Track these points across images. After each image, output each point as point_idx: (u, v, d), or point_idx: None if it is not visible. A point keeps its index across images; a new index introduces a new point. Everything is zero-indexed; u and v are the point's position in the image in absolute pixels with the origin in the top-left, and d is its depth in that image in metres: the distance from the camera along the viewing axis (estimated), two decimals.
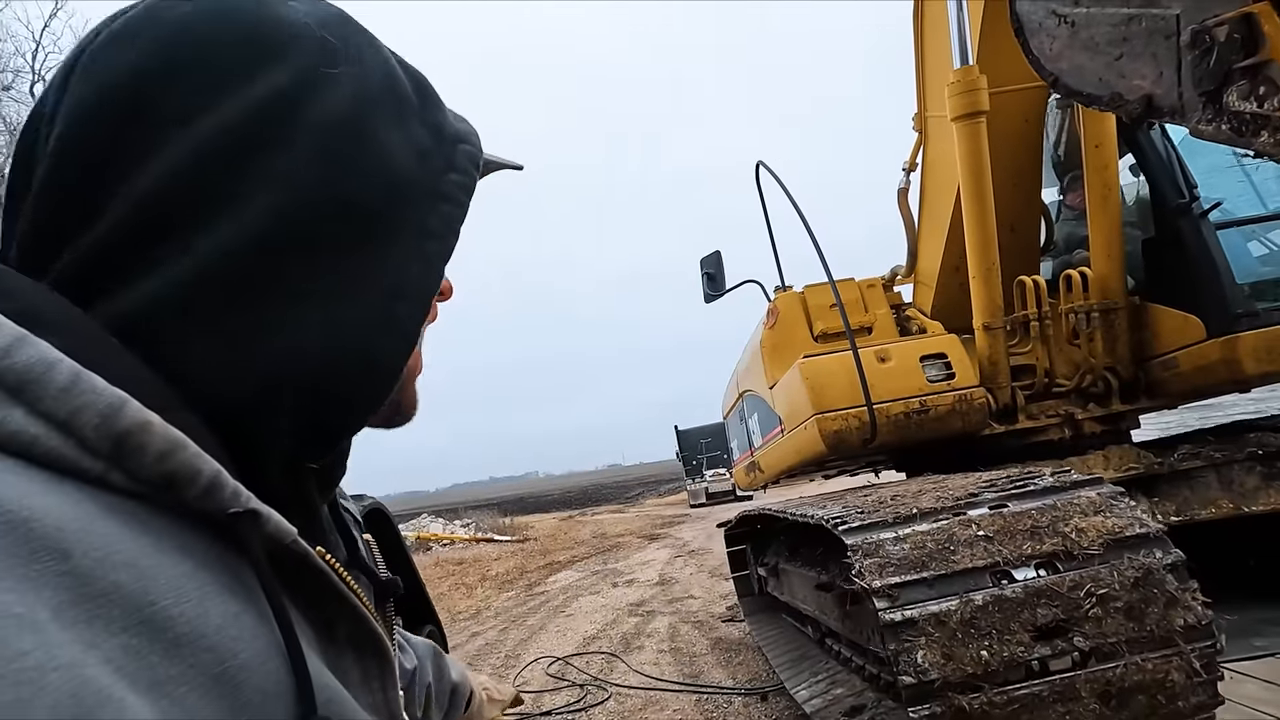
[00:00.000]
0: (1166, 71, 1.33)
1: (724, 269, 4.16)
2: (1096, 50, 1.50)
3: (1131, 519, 1.95)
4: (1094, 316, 3.24)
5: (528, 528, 23.17)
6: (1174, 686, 1.73)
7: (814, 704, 2.93)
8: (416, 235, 0.45)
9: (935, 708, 1.72)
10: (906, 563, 1.93)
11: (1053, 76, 1.73)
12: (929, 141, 3.81)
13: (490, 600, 9.79)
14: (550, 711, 4.46)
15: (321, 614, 0.38)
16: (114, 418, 0.29)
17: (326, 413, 0.41)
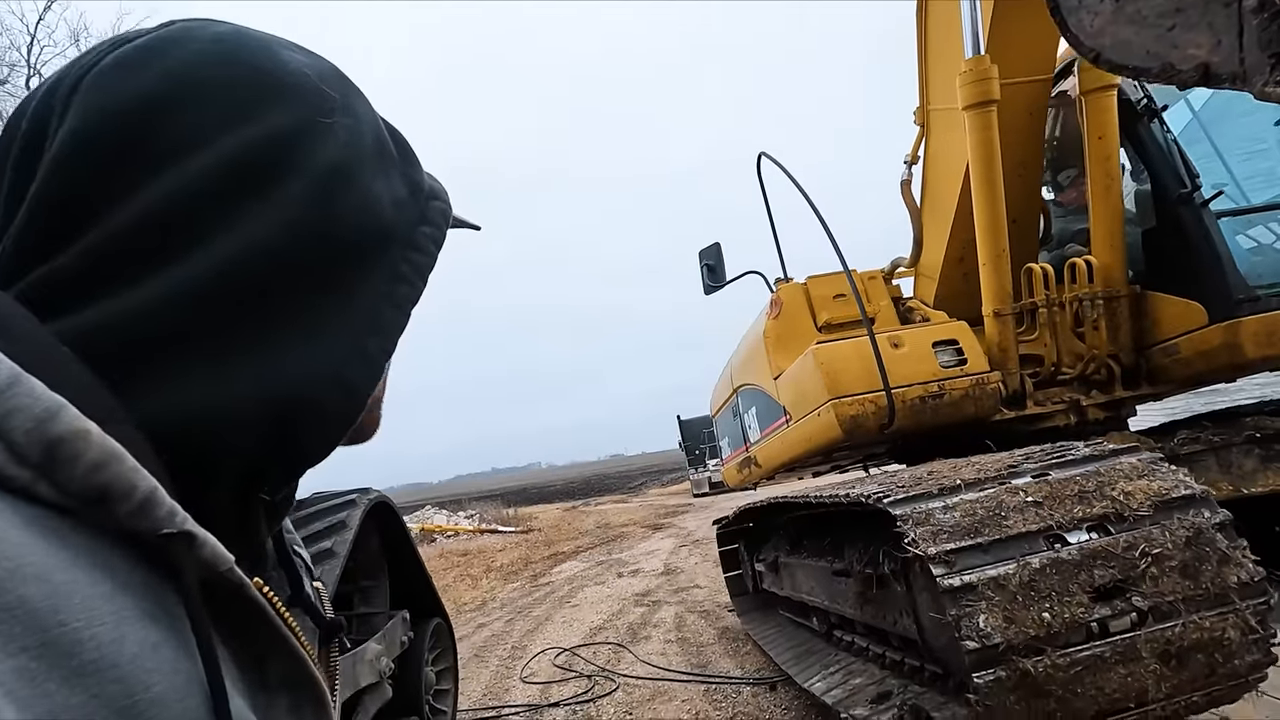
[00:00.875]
0: (1225, 39, 1.40)
1: (724, 261, 4.17)
2: (1144, 23, 1.58)
3: (1176, 481, 1.98)
4: (1097, 304, 3.26)
5: (531, 519, 23.26)
6: (1231, 644, 1.76)
7: (835, 694, 2.94)
8: (391, 279, 0.47)
9: (1000, 672, 1.72)
10: (959, 529, 1.93)
11: (1094, 52, 1.73)
12: (931, 135, 3.81)
13: (495, 591, 9.87)
14: (559, 702, 4.51)
15: (253, 651, 0.37)
16: (48, 423, 0.28)
17: (297, 440, 0.42)
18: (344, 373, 0.43)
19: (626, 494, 38.21)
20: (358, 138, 0.46)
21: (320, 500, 3.03)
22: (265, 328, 0.39)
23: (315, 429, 0.43)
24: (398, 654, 3.28)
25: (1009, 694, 1.72)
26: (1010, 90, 3.16)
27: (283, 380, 0.39)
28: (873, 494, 2.22)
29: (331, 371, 0.42)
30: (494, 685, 5.16)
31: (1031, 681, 1.72)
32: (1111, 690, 1.73)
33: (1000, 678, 1.72)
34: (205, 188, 0.38)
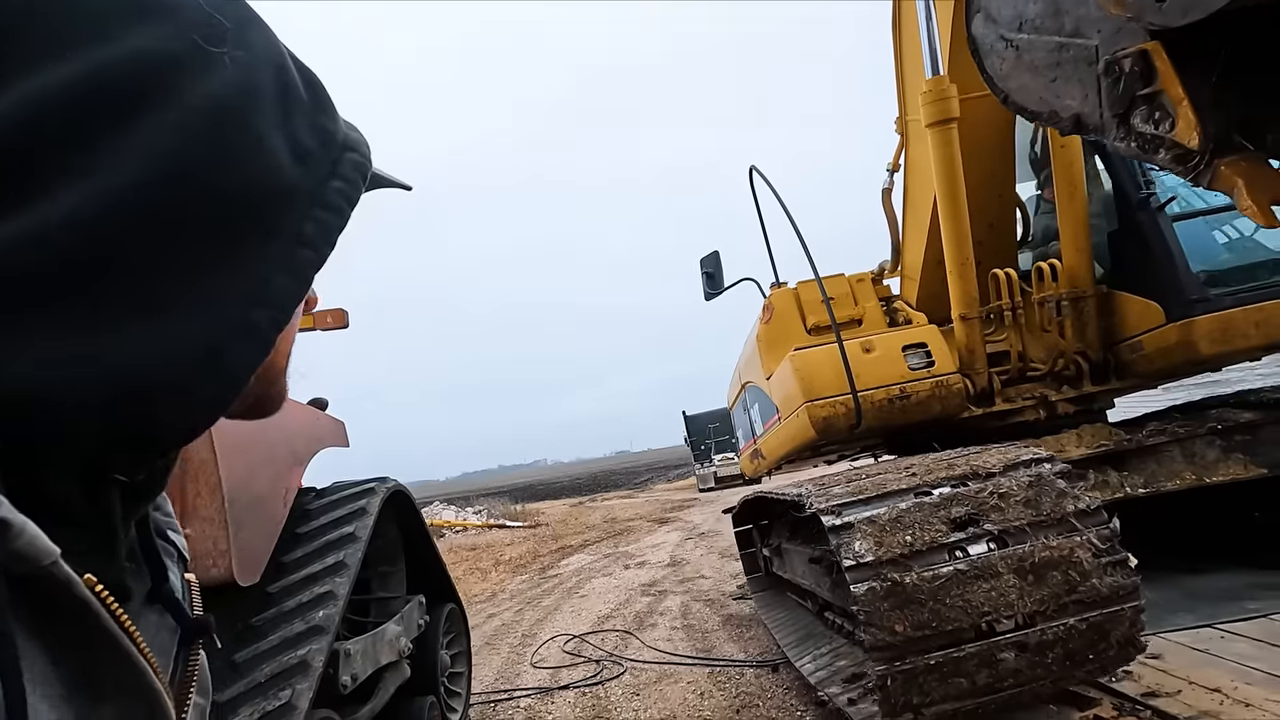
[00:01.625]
0: (1090, 94, 1.52)
1: (722, 268, 4.40)
2: (1037, 72, 1.67)
3: (1025, 450, 2.47)
4: (1064, 305, 3.48)
5: (539, 514, 23.46)
6: (1083, 563, 2.09)
7: (818, 675, 3.19)
8: (289, 241, 0.42)
9: (873, 583, 2.11)
10: (848, 494, 2.43)
11: (1003, 94, 1.92)
12: (910, 144, 4.03)
13: (505, 583, 10.05)
14: (568, 685, 4.69)
15: (82, 657, 0.33)
16: None
17: (156, 417, 0.36)
18: (218, 351, 0.38)
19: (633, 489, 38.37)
20: (252, 75, 0.40)
21: (340, 489, 3.21)
22: (119, 296, 0.34)
23: (175, 412, 0.37)
24: (415, 636, 3.51)
25: (883, 601, 2.07)
26: (974, 104, 3.36)
27: (135, 359, 0.34)
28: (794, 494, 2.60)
29: (201, 350, 0.37)
30: (505, 670, 5.38)
31: (903, 591, 2.08)
32: (979, 602, 2.07)
33: (874, 587, 2.09)
34: (40, 119, 0.33)
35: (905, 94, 3.97)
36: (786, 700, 3.70)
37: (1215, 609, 2.90)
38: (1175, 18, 1.07)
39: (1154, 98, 1.22)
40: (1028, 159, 4.02)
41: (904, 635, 2.07)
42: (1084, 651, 2.12)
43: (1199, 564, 3.52)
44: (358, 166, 0.47)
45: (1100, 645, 2.13)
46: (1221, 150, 1.22)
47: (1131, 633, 2.14)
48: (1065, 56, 1.64)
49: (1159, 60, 1.19)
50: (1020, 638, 2.09)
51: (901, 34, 3.86)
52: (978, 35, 1.98)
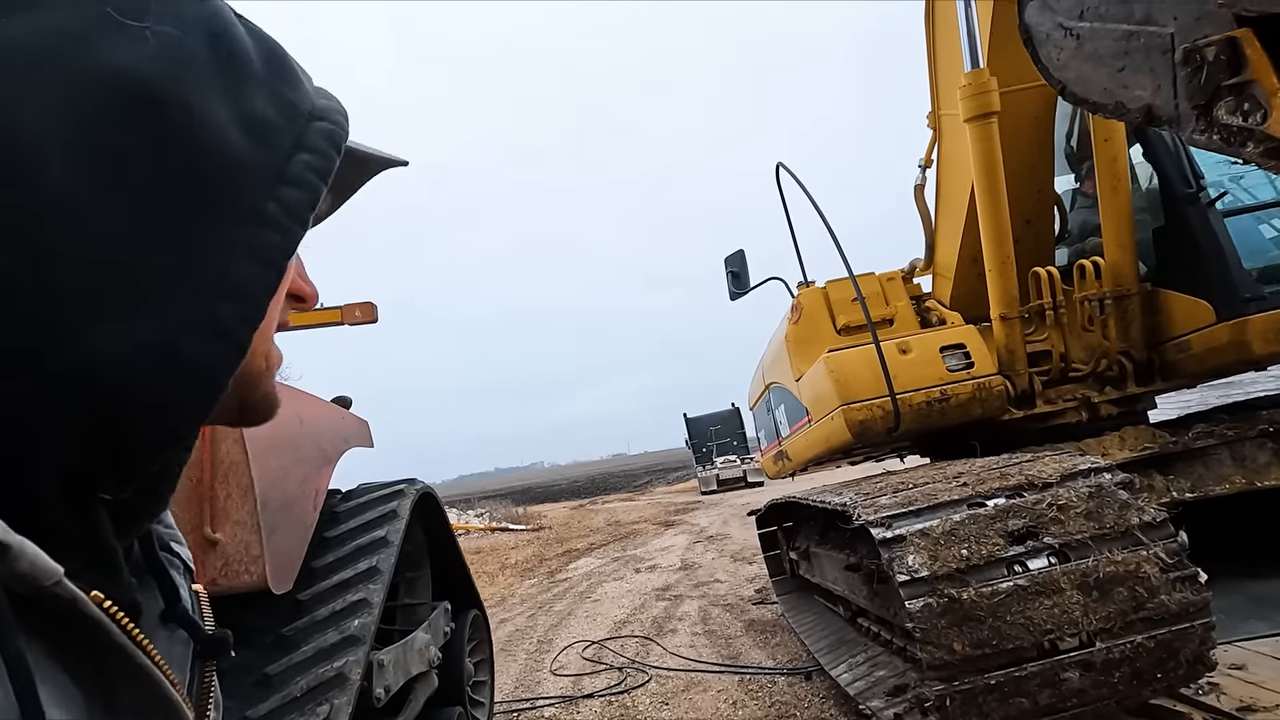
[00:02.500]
0: (1164, 84, 1.46)
1: (747, 267, 4.33)
2: (1100, 61, 1.60)
3: (1082, 459, 2.40)
4: (1107, 303, 3.39)
5: (541, 517, 23.43)
6: (1149, 578, 2.01)
7: (857, 685, 3.09)
8: (250, 222, 0.38)
9: (929, 599, 2.02)
10: (896, 505, 2.34)
11: (1060, 84, 1.84)
12: (943, 139, 3.95)
13: (513, 588, 9.97)
14: (593, 694, 4.59)
15: (97, 673, 0.33)
16: None
17: (122, 430, 0.35)
18: (179, 351, 0.35)
19: (632, 492, 38.36)
20: (181, 48, 0.37)
21: (368, 491, 3.12)
22: (60, 301, 0.32)
23: (147, 420, 0.35)
24: (442, 644, 3.42)
25: (939, 618, 1.99)
26: (1013, 98, 3.28)
27: (93, 370, 0.33)
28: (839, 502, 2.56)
29: (162, 351, 0.35)
30: (525, 678, 5.28)
31: (959, 608, 1.99)
32: (1041, 619, 1.99)
33: (929, 604, 2.01)
34: None
35: (939, 88, 3.89)
36: (825, 710, 3.61)
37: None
38: (1274, 4, 1.02)
39: (1243, 88, 1.16)
40: (1064, 153, 3.95)
41: (963, 654, 1.99)
42: (1152, 670, 2.03)
43: (1256, 569, 3.42)
44: (329, 136, 0.43)
45: (1169, 664, 2.04)
46: None
47: (1202, 650, 2.04)
48: (1135, 45, 1.57)
49: (1250, 49, 1.14)
50: (1085, 656, 2.00)
51: (935, 27, 3.79)
52: (1032, 24, 1.90)
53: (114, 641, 0.33)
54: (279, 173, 0.40)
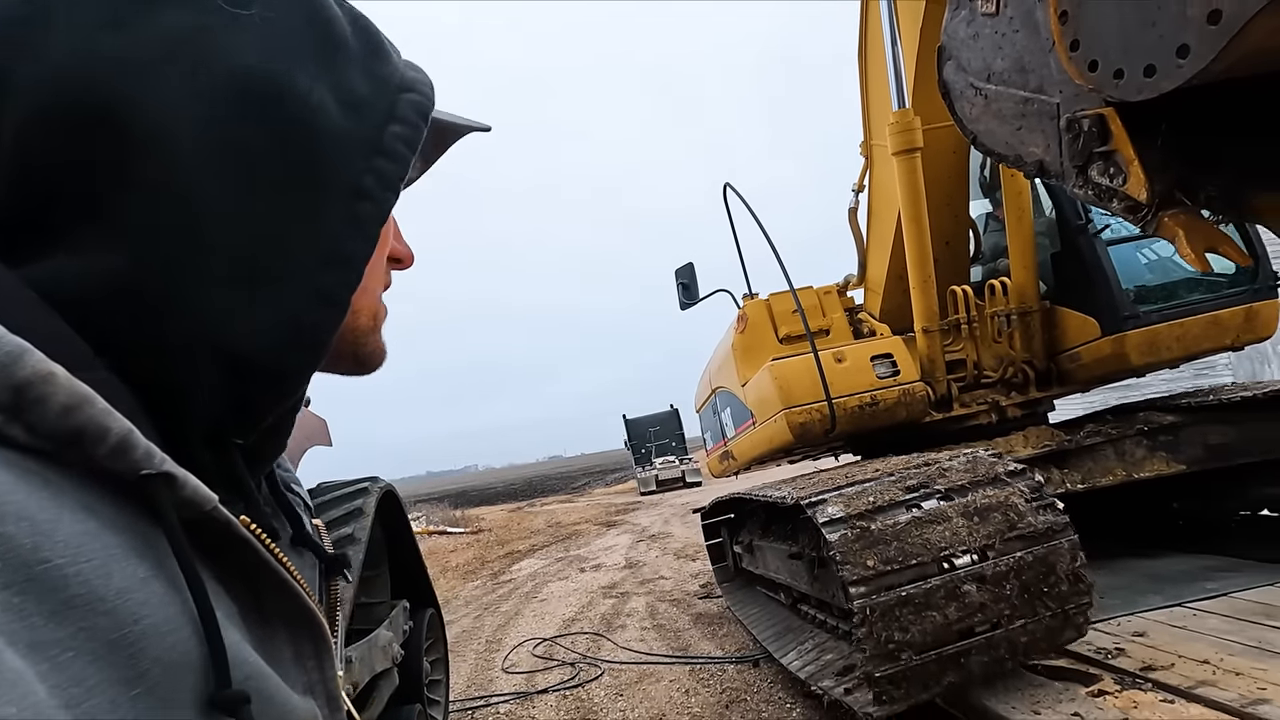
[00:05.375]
0: (1052, 145, 1.65)
1: (697, 279, 4.62)
2: (1004, 120, 1.80)
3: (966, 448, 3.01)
4: (1013, 318, 3.85)
5: (479, 519, 23.08)
6: (1017, 506, 2.52)
7: (808, 669, 3.35)
8: (349, 195, 0.42)
9: (844, 530, 2.50)
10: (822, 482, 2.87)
11: (972, 135, 2.09)
12: (874, 166, 4.35)
13: (457, 590, 9.88)
14: (547, 689, 4.67)
15: (249, 587, 0.37)
16: (12, 366, 0.27)
17: (249, 387, 0.40)
18: (298, 321, 0.40)
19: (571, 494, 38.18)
20: (286, 33, 0.40)
21: (332, 489, 3.16)
22: (195, 269, 0.37)
23: (268, 381, 0.41)
24: (402, 642, 3.48)
25: (854, 543, 2.44)
26: (934, 134, 3.67)
27: (226, 336, 0.38)
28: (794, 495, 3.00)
29: (280, 321, 0.40)
30: (477, 677, 5.33)
31: (870, 535, 2.45)
32: (936, 540, 2.43)
33: (845, 534, 2.47)
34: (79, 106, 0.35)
35: (871, 121, 4.28)
36: (773, 694, 3.87)
37: (1180, 590, 3.17)
38: (1131, 94, 1.24)
39: (1109, 155, 1.39)
40: (978, 182, 4.40)
41: (875, 569, 2.40)
42: (1038, 585, 2.43)
43: (1148, 550, 3.89)
44: (416, 107, 0.46)
45: (1050, 579, 2.44)
46: (1165, 205, 1.38)
47: (1074, 567, 2.46)
48: (1030, 109, 1.81)
49: (1114, 125, 1.36)
50: (977, 570, 2.41)
51: (868, 66, 4.17)
52: (949, 80, 2.18)
53: (261, 559, 0.36)
54: (373, 145, 0.43)
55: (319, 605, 0.44)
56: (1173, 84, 1.13)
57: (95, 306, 0.35)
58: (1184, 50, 1.08)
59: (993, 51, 1.99)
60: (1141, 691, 2.32)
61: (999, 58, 1.97)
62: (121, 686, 0.27)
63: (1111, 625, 2.93)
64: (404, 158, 0.45)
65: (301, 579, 0.40)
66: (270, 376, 0.40)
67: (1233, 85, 1.25)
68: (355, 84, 0.43)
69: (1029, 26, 1.84)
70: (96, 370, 0.33)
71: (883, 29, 3.63)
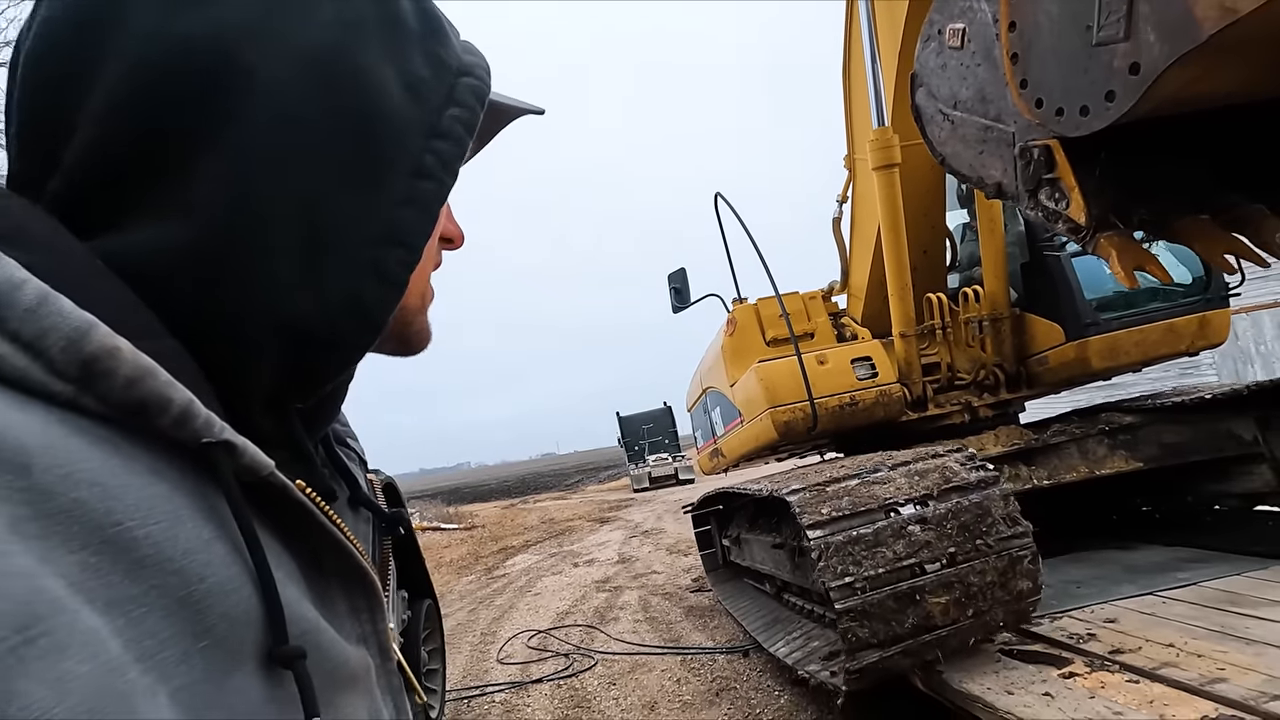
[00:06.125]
0: (1009, 169, 1.78)
1: (689, 283, 4.84)
2: (968, 144, 1.93)
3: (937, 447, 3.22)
4: (985, 324, 4.08)
5: (472, 516, 23.08)
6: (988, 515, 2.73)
7: (794, 656, 3.53)
8: (410, 175, 0.43)
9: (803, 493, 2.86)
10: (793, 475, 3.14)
11: (941, 157, 2.23)
12: (856, 179, 4.56)
13: (451, 584, 9.98)
14: (541, 679, 4.80)
15: (307, 546, 0.39)
16: (80, 341, 0.28)
17: (309, 357, 0.41)
18: (357, 296, 0.42)
19: (564, 491, 38.19)
20: (352, 12, 0.41)
21: None
22: (261, 244, 0.38)
23: (327, 356, 0.42)
24: (401, 631, 3.61)
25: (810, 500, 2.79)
26: (912, 150, 3.87)
27: (288, 309, 0.39)
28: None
29: (344, 296, 0.41)
30: (472, 668, 5.46)
31: (825, 493, 2.75)
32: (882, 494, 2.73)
33: (803, 495, 2.78)
34: (165, 86, 0.36)
35: (854, 136, 4.49)
36: (762, 682, 4.05)
37: (1152, 580, 3.31)
38: (1069, 130, 1.39)
39: (1055, 181, 1.52)
40: (956, 193, 4.63)
41: (829, 517, 2.69)
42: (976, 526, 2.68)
43: (1127, 544, 4.07)
44: (474, 91, 0.47)
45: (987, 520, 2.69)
46: (1102, 227, 1.52)
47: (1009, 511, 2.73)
48: (990, 136, 1.90)
49: (1058, 155, 1.51)
50: (920, 514, 2.68)
51: (850, 83, 4.39)
52: (920, 105, 2.35)
53: (315, 520, 0.38)
54: (433, 128, 0.44)
55: (372, 562, 0.47)
56: (1103, 123, 1.28)
57: (163, 276, 0.36)
58: (1111, 95, 1.23)
59: (958, 81, 2.16)
60: (1109, 673, 2.44)
61: (964, 87, 2.14)
62: (190, 639, 0.29)
63: (1085, 613, 3.08)
64: (462, 140, 0.46)
65: (354, 538, 0.42)
66: (329, 349, 0.42)
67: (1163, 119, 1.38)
68: (417, 66, 0.44)
69: (989, 61, 2.00)
70: (162, 340, 0.34)
71: (864, 49, 3.84)
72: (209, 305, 0.37)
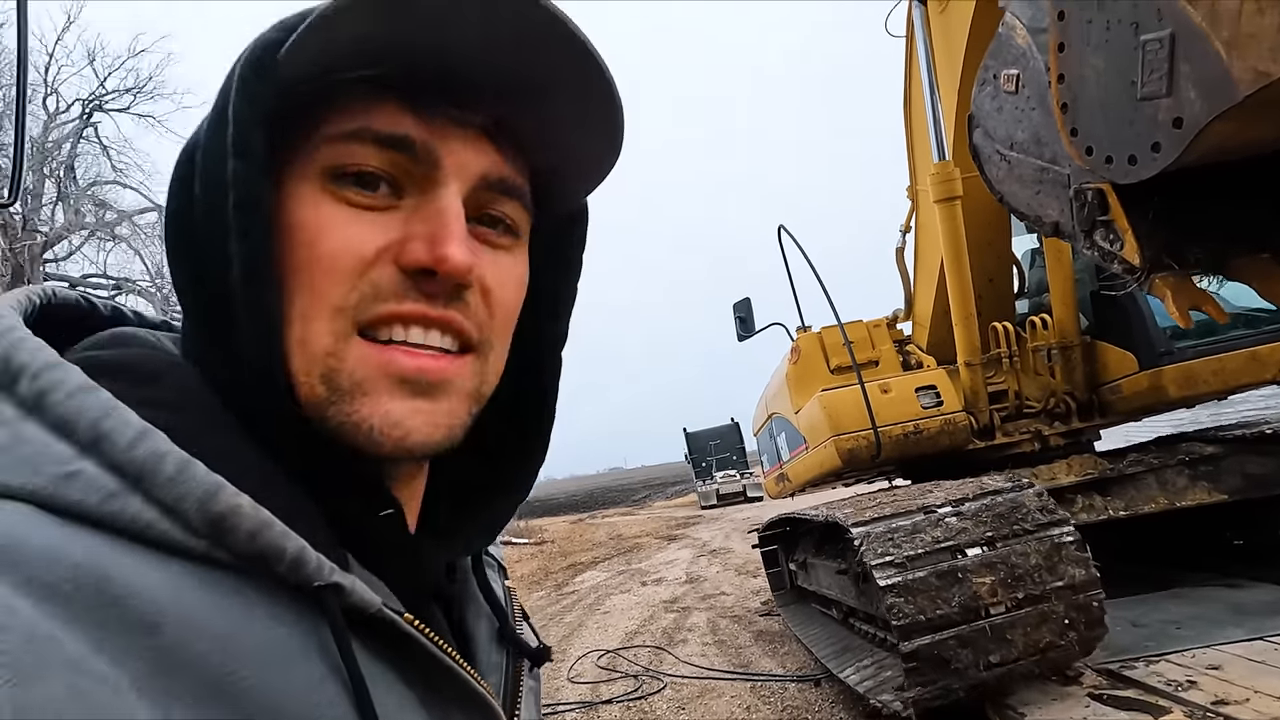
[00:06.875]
0: (1065, 209, 1.80)
1: (753, 313, 5.00)
2: (1025, 184, 1.96)
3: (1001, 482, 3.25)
4: (1054, 352, 4.05)
5: (542, 530, 23.27)
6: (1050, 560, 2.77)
7: (866, 685, 3.48)
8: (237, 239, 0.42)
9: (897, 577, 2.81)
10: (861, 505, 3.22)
11: (999, 195, 2.15)
12: (919, 209, 4.62)
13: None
14: (611, 699, 4.86)
15: (422, 675, 0.40)
16: (209, 502, 0.32)
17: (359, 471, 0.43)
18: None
19: (631, 506, 38.04)
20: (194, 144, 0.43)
21: None
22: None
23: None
24: None
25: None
26: (974, 182, 3.88)
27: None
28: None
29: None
30: (543, 685, 5.68)
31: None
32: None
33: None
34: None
35: (915, 168, 4.56)
36: (834, 713, 3.99)
37: (1261, 623, 3.05)
38: (1119, 177, 1.44)
39: (1109, 223, 1.55)
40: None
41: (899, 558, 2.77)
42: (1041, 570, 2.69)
43: (1236, 581, 3.84)
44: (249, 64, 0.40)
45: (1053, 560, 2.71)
46: (1156, 268, 1.55)
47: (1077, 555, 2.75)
48: (1046, 177, 1.90)
49: (1111, 199, 1.55)
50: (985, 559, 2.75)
51: (911, 117, 4.46)
52: (978, 145, 2.41)
53: (425, 650, 0.39)
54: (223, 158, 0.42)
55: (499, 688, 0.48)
56: (1150, 172, 1.33)
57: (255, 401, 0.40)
58: (1157, 146, 1.28)
59: (1014, 124, 2.22)
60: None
61: (1019, 130, 2.20)
62: None
63: (1185, 657, 2.85)
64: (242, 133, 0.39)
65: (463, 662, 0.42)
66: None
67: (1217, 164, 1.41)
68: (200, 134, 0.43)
69: (1044, 106, 2.05)
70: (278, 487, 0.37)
71: (923, 86, 3.93)
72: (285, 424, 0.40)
